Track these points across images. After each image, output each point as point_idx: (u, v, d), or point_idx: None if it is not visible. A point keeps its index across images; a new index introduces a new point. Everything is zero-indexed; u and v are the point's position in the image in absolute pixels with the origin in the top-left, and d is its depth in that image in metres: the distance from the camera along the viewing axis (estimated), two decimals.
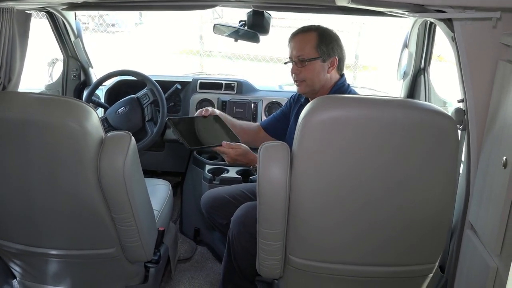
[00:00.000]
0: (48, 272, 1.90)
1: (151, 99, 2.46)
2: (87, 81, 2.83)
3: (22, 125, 1.50)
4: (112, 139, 1.59)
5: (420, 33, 2.38)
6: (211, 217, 2.22)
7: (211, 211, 2.21)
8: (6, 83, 1.72)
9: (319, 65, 1.93)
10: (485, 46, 1.53)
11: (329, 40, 1.92)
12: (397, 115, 1.42)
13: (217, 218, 2.19)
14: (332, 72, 1.95)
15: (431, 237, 1.58)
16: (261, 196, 1.52)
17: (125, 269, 1.88)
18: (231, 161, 1.93)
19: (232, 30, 2.33)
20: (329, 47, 1.91)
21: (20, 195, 1.63)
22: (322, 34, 1.92)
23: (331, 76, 1.96)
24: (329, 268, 1.63)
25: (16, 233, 1.77)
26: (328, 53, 1.92)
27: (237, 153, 1.91)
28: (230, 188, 2.27)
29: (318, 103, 1.45)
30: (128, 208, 1.63)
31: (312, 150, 1.45)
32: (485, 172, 1.56)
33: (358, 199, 1.49)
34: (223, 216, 2.14)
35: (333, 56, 1.93)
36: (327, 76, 1.95)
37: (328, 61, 1.92)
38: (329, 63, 1.93)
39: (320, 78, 1.95)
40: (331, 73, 1.95)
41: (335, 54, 1.93)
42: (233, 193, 2.20)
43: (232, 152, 1.91)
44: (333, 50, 1.92)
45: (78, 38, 2.64)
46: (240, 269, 2.04)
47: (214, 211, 2.19)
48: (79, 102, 1.56)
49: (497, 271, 1.44)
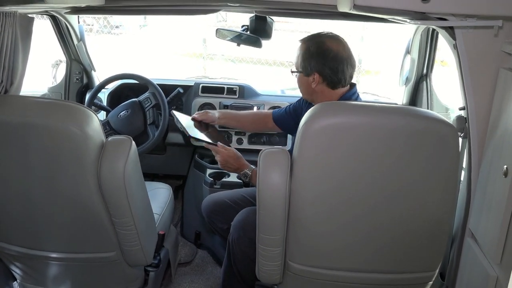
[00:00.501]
0: (49, 275, 1.90)
1: (153, 102, 2.46)
2: (90, 84, 2.83)
3: (23, 129, 1.51)
4: (113, 144, 1.60)
5: (422, 39, 2.38)
6: (212, 221, 2.22)
7: (211, 215, 2.21)
8: (8, 86, 1.72)
9: (303, 78, 1.91)
10: (487, 54, 1.54)
11: (310, 56, 1.86)
12: (398, 123, 1.42)
13: (217, 222, 2.19)
14: (318, 87, 1.88)
15: (431, 244, 1.58)
16: (261, 201, 1.52)
17: (125, 272, 1.88)
18: (222, 162, 2.00)
19: (235, 34, 2.33)
20: (309, 63, 1.87)
21: (20, 198, 1.64)
22: (307, 49, 1.88)
23: (322, 91, 1.89)
24: (328, 274, 1.63)
25: (17, 236, 1.77)
26: (307, 69, 1.88)
27: (229, 155, 1.99)
28: (231, 192, 2.28)
29: (318, 110, 1.46)
30: (128, 212, 1.64)
31: (312, 156, 1.46)
32: (486, 180, 1.56)
33: (358, 205, 1.50)
34: (224, 220, 2.14)
35: (312, 73, 1.86)
36: (315, 90, 1.89)
37: (310, 76, 1.88)
38: (311, 78, 1.87)
39: (305, 90, 1.95)
40: (319, 88, 1.88)
41: (314, 71, 1.85)
42: (234, 198, 2.21)
43: (225, 153, 1.99)
44: (311, 67, 1.86)
45: (81, 41, 2.65)
46: (240, 274, 2.04)
47: (214, 215, 2.20)
48: (80, 106, 1.57)
49: (497, 280, 1.44)
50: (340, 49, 1.86)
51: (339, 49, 1.85)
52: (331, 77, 1.85)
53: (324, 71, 1.85)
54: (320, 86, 1.88)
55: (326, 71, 1.84)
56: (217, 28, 2.43)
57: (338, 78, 1.85)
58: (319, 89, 1.89)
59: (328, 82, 1.87)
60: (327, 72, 1.84)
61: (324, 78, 1.86)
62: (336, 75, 1.85)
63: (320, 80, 1.86)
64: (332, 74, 1.84)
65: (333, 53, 1.84)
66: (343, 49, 1.86)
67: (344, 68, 1.85)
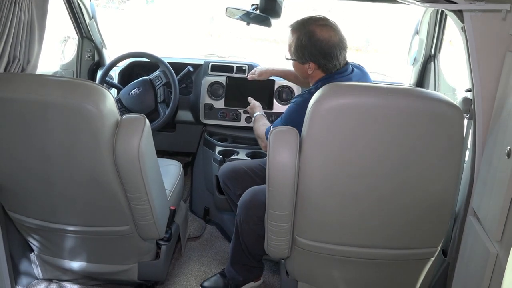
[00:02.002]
0: (65, 247, 1.98)
1: (164, 81, 2.50)
2: (101, 62, 2.87)
3: (41, 107, 1.55)
4: (128, 121, 1.64)
5: (431, 20, 2.39)
6: (226, 185, 2.29)
7: (227, 180, 2.28)
8: (25, 65, 1.77)
9: (299, 65, 1.97)
10: (494, 37, 1.55)
11: (302, 47, 1.90)
12: (404, 104, 1.45)
13: (232, 187, 2.26)
14: (314, 72, 1.94)
15: (434, 221, 1.63)
16: (270, 179, 1.57)
17: (138, 246, 1.95)
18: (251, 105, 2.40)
19: (244, 13, 2.34)
20: (303, 54, 1.91)
21: (39, 173, 1.70)
22: (298, 39, 1.90)
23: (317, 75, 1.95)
24: (334, 249, 1.68)
25: (35, 209, 1.84)
26: (302, 59, 1.93)
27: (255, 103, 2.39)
28: (249, 161, 2.37)
29: (326, 91, 1.49)
30: (142, 187, 1.69)
31: (320, 135, 1.49)
32: (489, 161, 1.59)
33: (364, 183, 1.54)
34: (238, 186, 2.21)
35: (307, 62, 1.92)
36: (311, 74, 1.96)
37: (305, 64, 1.93)
38: (307, 66, 1.93)
39: (301, 74, 2.02)
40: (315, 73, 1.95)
41: (308, 60, 1.91)
42: (251, 166, 2.28)
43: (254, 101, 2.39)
44: (306, 57, 1.91)
45: (92, 19, 2.68)
46: (248, 249, 2.11)
47: (230, 180, 2.27)
48: (97, 85, 1.60)
49: (497, 257, 1.49)
50: (332, 35, 1.88)
51: (330, 36, 1.87)
52: (325, 65, 1.90)
53: (318, 60, 1.90)
54: (316, 71, 1.94)
55: (320, 61, 1.90)
56: (227, 6, 2.44)
57: (333, 64, 1.90)
58: (314, 74, 1.95)
59: (323, 69, 1.92)
60: (322, 62, 1.90)
61: (319, 66, 1.92)
62: (331, 62, 1.90)
63: (316, 67, 1.92)
64: (326, 62, 1.90)
65: (325, 43, 1.87)
66: (334, 34, 1.88)
67: (337, 53, 1.89)
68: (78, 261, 2.03)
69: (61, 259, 2.04)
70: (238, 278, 2.21)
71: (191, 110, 2.75)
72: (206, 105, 2.67)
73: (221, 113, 2.66)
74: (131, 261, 2.02)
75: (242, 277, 2.21)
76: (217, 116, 2.67)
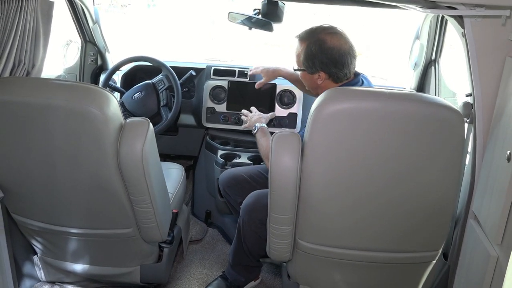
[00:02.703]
0: (68, 249, 1.99)
1: (166, 85, 2.51)
2: (104, 66, 2.89)
3: (46, 110, 1.57)
4: (131, 125, 1.66)
5: (432, 25, 2.41)
6: (227, 194, 2.31)
7: (227, 188, 2.29)
8: (30, 68, 1.79)
9: (308, 75, 1.93)
10: (494, 42, 1.57)
11: (312, 56, 1.86)
12: (405, 108, 1.47)
13: (232, 195, 2.27)
14: (324, 83, 1.90)
15: (435, 225, 1.64)
16: (273, 182, 1.58)
17: (141, 248, 1.96)
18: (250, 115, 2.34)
19: (246, 17, 2.36)
20: (313, 63, 1.87)
21: (43, 176, 1.71)
22: (308, 48, 1.87)
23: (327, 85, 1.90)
24: (336, 252, 1.70)
25: (39, 212, 1.86)
26: (312, 68, 1.89)
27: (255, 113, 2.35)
28: (248, 168, 2.37)
29: (329, 95, 1.50)
30: (145, 190, 1.71)
31: (322, 140, 1.51)
32: (489, 165, 1.60)
33: (365, 187, 1.55)
34: (239, 194, 2.22)
35: (317, 71, 1.88)
36: (320, 85, 1.91)
37: (315, 74, 1.90)
38: (317, 76, 1.89)
39: (310, 85, 1.98)
40: (325, 83, 1.90)
41: (319, 69, 1.87)
42: (250, 173, 2.29)
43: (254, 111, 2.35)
44: (316, 67, 1.87)
45: (96, 23, 2.70)
46: (249, 250, 2.13)
47: (230, 188, 2.28)
48: (101, 89, 1.62)
49: (497, 260, 1.50)
50: (342, 43, 1.85)
51: (340, 44, 1.85)
52: (336, 74, 1.86)
53: (329, 69, 1.86)
54: (326, 81, 1.90)
55: (331, 70, 1.86)
56: (229, 11, 2.46)
57: (343, 73, 1.87)
58: (324, 84, 1.90)
59: (333, 78, 1.88)
60: (333, 70, 1.86)
61: (330, 75, 1.88)
62: (342, 71, 1.86)
63: (326, 76, 1.88)
64: (337, 71, 1.86)
65: (336, 50, 1.83)
66: (344, 42, 1.85)
67: (348, 61, 1.86)
68: (81, 264, 2.04)
69: (64, 261, 2.05)
70: (240, 279, 2.23)
71: (193, 114, 2.77)
72: (208, 109, 2.68)
73: (223, 117, 2.68)
74: (133, 264, 2.03)
75: (243, 278, 2.24)
76: (219, 120, 2.68)
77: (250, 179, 2.24)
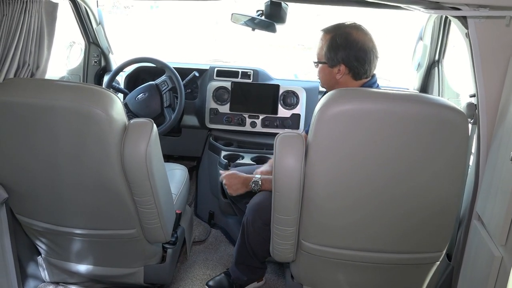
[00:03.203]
0: (72, 250, 2.00)
1: (170, 86, 2.52)
2: (107, 67, 2.90)
3: (51, 111, 1.57)
4: (135, 126, 1.66)
5: (435, 26, 2.40)
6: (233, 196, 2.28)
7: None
8: (34, 70, 1.79)
9: (327, 69, 1.90)
10: (498, 43, 1.57)
11: (336, 47, 1.84)
12: (410, 109, 1.47)
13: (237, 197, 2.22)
14: (342, 78, 1.88)
15: (439, 226, 1.64)
16: (276, 183, 1.58)
17: (145, 249, 1.97)
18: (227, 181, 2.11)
19: (249, 18, 2.37)
20: (336, 54, 1.85)
21: (47, 177, 1.72)
22: (333, 39, 1.85)
23: (345, 81, 1.88)
24: (340, 253, 1.70)
25: (43, 213, 1.86)
26: (333, 60, 1.86)
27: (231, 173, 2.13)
28: (251, 169, 2.32)
29: (333, 96, 1.50)
30: (149, 191, 1.71)
31: (326, 141, 1.51)
32: (493, 166, 1.60)
33: (369, 188, 1.55)
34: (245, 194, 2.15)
35: (338, 64, 1.85)
36: (338, 81, 1.89)
37: (335, 67, 1.87)
38: (337, 69, 1.87)
39: (328, 81, 1.94)
40: (343, 79, 1.88)
41: (341, 62, 1.84)
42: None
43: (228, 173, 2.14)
44: (338, 58, 1.85)
45: (99, 25, 2.71)
46: (253, 251, 2.13)
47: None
48: (105, 90, 1.63)
49: (501, 261, 1.50)
50: (366, 39, 1.85)
51: (365, 40, 1.84)
52: (357, 68, 1.84)
53: (351, 62, 1.84)
54: (345, 77, 1.87)
55: (353, 63, 1.84)
56: (233, 12, 2.46)
57: (364, 69, 1.85)
58: (343, 80, 1.88)
59: (353, 73, 1.86)
60: (354, 64, 1.84)
61: (350, 69, 1.85)
62: (363, 67, 1.84)
63: (346, 71, 1.86)
64: (359, 65, 1.84)
65: (360, 44, 1.83)
66: (369, 39, 1.86)
67: (371, 58, 1.85)
68: (85, 264, 2.05)
69: (68, 262, 2.05)
70: (243, 278, 2.23)
71: (197, 115, 2.78)
72: (211, 109, 2.69)
73: (226, 117, 2.68)
74: (137, 265, 2.03)
75: (246, 277, 2.24)
76: (222, 121, 2.69)
77: None
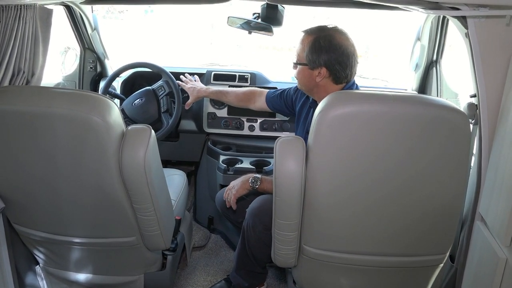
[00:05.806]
0: (71, 259, 1.96)
1: (167, 90, 2.50)
2: (103, 73, 2.88)
3: (48, 119, 1.55)
4: (133, 132, 1.64)
5: (433, 26, 2.40)
6: (227, 214, 2.24)
7: (225, 210, 2.21)
8: (29, 77, 1.77)
9: (307, 71, 1.89)
10: (498, 43, 1.56)
11: (319, 50, 1.84)
12: (411, 111, 1.45)
13: (231, 216, 2.21)
14: (322, 81, 1.88)
15: (442, 228, 1.62)
16: (277, 188, 1.56)
17: (144, 257, 1.94)
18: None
19: (245, 21, 2.36)
20: (318, 57, 1.84)
21: (45, 185, 1.69)
22: (316, 41, 1.84)
23: (325, 85, 1.88)
24: (342, 257, 1.68)
25: (41, 222, 1.83)
26: (314, 63, 1.85)
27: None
28: None
29: (333, 99, 1.49)
30: (148, 198, 1.69)
31: (327, 144, 1.49)
32: (496, 166, 1.59)
33: (371, 191, 1.54)
34: (238, 214, 2.15)
35: (320, 67, 1.85)
36: (318, 84, 1.89)
37: (315, 70, 1.86)
38: (317, 72, 1.86)
39: (306, 83, 1.93)
40: (323, 82, 1.88)
41: (322, 65, 1.84)
42: None
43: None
44: (320, 61, 1.84)
45: (95, 30, 2.69)
46: (254, 256, 2.11)
47: (227, 210, 2.18)
48: (102, 96, 1.60)
49: (506, 262, 1.49)
50: (349, 44, 1.85)
51: (348, 45, 1.85)
52: (339, 72, 1.84)
53: (333, 66, 1.84)
54: (325, 80, 1.87)
55: (335, 66, 1.84)
56: (229, 16, 2.45)
57: (345, 74, 1.85)
58: (322, 83, 1.88)
59: (334, 77, 1.86)
60: (336, 68, 1.84)
61: (331, 73, 1.85)
62: (344, 71, 1.85)
63: (327, 74, 1.86)
64: (340, 69, 1.84)
65: (343, 48, 1.83)
66: (351, 44, 1.86)
67: (353, 63, 1.85)
68: (84, 273, 2.01)
69: (67, 271, 2.02)
70: (244, 284, 2.21)
71: (194, 119, 2.76)
72: (209, 114, 2.67)
73: (224, 121, 2.66)
74: (137, 272, 2.01)
75: (247, 283, 2.21)
76: (220, 125, 2.67)
77: (246, 196, 2.10)
